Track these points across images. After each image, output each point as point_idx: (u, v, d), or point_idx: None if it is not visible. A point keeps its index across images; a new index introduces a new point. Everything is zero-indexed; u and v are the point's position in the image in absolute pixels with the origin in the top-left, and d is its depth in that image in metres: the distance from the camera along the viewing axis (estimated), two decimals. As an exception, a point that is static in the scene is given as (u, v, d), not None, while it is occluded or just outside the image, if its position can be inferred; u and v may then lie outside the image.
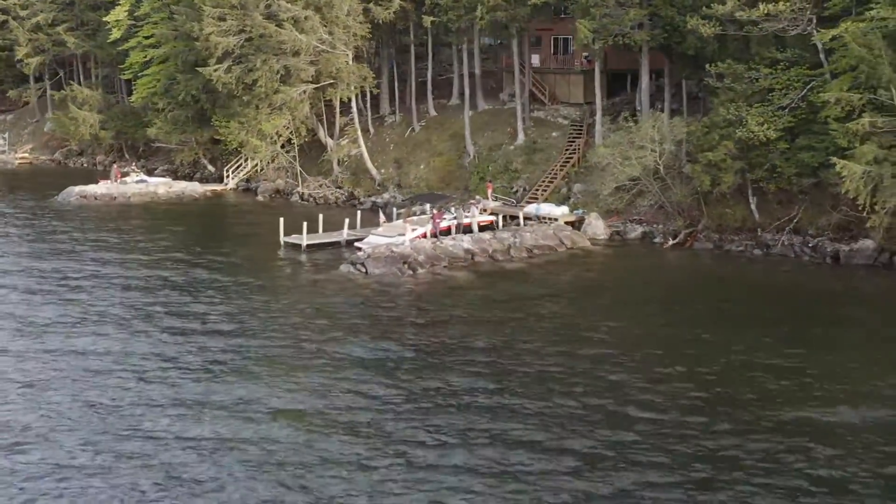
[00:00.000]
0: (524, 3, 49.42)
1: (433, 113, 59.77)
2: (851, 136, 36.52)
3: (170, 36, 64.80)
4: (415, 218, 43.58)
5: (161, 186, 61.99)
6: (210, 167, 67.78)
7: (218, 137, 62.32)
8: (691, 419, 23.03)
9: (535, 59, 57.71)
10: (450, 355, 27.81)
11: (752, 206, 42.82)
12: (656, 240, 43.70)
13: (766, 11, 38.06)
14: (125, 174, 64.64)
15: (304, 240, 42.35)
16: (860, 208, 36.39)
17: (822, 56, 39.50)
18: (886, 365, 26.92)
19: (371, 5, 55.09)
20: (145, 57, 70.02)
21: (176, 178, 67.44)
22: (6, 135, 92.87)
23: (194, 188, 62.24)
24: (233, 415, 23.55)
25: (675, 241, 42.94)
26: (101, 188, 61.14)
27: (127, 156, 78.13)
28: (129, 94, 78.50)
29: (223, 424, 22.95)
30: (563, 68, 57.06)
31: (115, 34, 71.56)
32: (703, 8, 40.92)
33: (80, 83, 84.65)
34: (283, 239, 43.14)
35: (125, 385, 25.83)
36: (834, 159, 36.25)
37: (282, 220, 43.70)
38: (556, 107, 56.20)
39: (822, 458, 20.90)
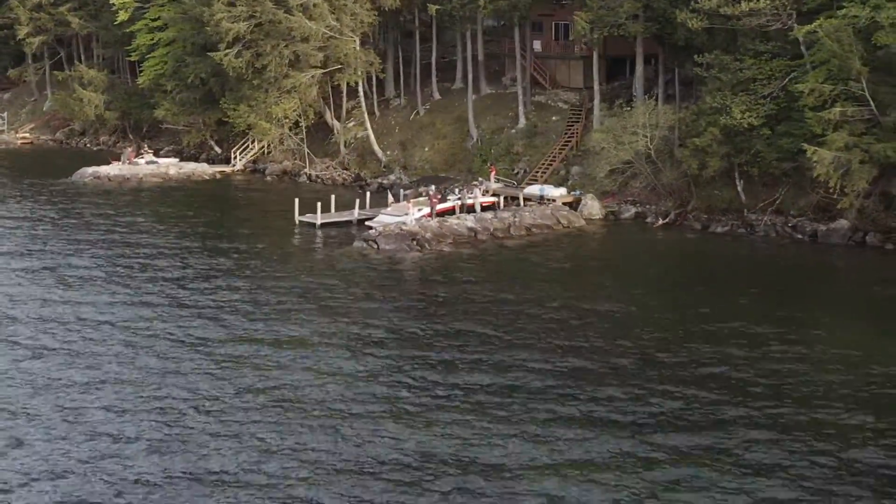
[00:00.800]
0: (526, -2, 55.04)
1: (437, 96, 65.38)
2: (825, 124, 42.22)
3: (178, 19, 70.24)
4: (421, 199, 49.20)
5: (171, 167, 67.64)
6: (217, 148, 73.37)
7: (225, 119, 67.95)
8: (656, 354, 28.71)
9: (537, 45, 63.30)
10: (454, 314, 33.54)
11: (739, 189, 48.51)
12: (648, 220, 49.44)
13: (748, 7, 43.65)
14: (139, 155, 70.18)
15: (319, 218, 48.09)
16: (831, 191, 42.10)
17: (802, 48, 45.09)
18: (845, 328, 32.61)
19: (378, -7, 60.79)
20: (152, 39, 75.51)
21: (181, 159, 73.09)
22: (4, 114, 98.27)
23: (204, 169, 67.88)
24: (279, 366, 29.26)
25: (665, 221, 48.70)
26: (113, 169, 66.77)
27: (130, 136, 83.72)
28: (133, 74, 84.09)
29: (272, 376, 28.65)
30: (563, 54, 62.63)
31: (122, 16, 76.90)
32: (692, 2, 46.51)
33: (80, 62, 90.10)
34: (298, 218, 48.86)
35: (190, 331, 31.53)
36: (805, 146, 41.96)
37: (297, 200, 49.35)
38: (557, 91, 61.78)
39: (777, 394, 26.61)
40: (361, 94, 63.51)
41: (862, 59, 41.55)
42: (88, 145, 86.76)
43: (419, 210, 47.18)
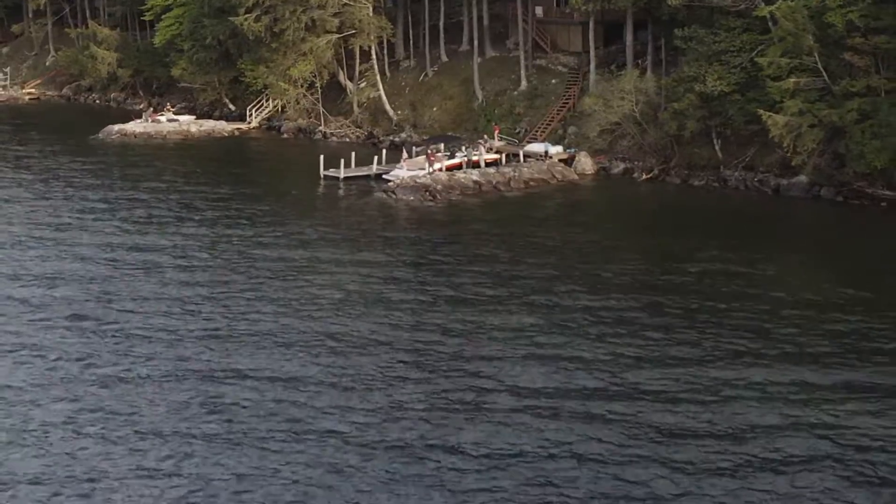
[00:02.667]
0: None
1: (445, 59, 78.86)
2: (783, 93, 55.74)
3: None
4: (437, 154, 62.80)
5: (192, 125, 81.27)
6: (231, 106, 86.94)
7: (241, 78, 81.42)
8: (617, 279, 42.26)
9: (539, 11, 76.69)
10: (463, 244, 47.21)
11: (716, 147, 62.11)
12: (635, 174, 63.11)
13: (719, -10, 57.16)
14: (160, 112, 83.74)
15: (342, 172, 61.80)
16: (785, 150, 55.79)
17: (770, 24, 58.51)
18: (787, 262, 46.17)
19: (390, -38, 74.16)
20: (166, 0, 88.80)
21: (195, 115, 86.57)
22: (7, 69, 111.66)
23: (223, 126, 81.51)
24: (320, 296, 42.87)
25: (649, 176, 62.41)
26: (138, 127, 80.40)
27: (140, 93, 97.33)
28: (141, 29, 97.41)
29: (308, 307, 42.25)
30: (563, 19, 75.98)
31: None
32: (674, -18, 59.94)
33: (85, 18, 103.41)
34: (322, 172, 62.56)
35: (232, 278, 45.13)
36: (761, 111, 55.56)
37: (321, 156, 62.99)
38: (557, 55, 75.21)
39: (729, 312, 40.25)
40: (374, 56, 76.98)
41: (814, 37, 55.02)
42: (97, 101, 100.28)
43: (435, 164, 60.83)
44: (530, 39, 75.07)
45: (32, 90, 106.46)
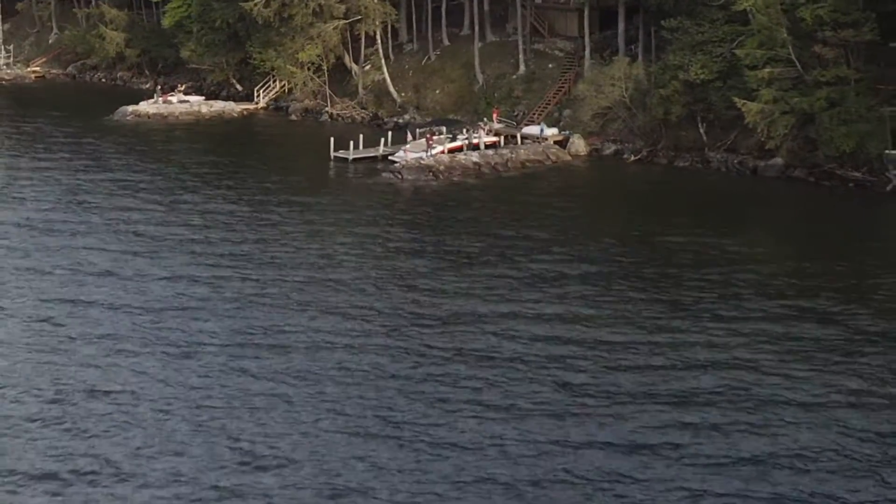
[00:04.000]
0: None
1: (447, 42, 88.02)
2: (759, 82, 64.99)
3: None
4: (435, 138, 72.11)
5: (203, 106, 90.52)
6: (238, 86, 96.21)
7: (249, 60, 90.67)
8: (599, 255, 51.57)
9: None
10: (464, 227, 56.56)
11: (701, 130, 71.38)
12: (625, 156, 72.42)
13: (700, -16, 66.36)
14: (171, 93, 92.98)
15: (351, 154, 71.11)
16: (760, 135, 65.11)
17: (750, 16, 67.66)
18: (757, 238, 55.40)
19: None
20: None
21: (202, 95, 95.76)
22: (10, 47, 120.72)
23: (232, 107, 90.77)
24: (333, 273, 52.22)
25: (637, 157, 71.77)
26: (150, 108, 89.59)
27: (147, 72, 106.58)
28: (147, 7, 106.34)
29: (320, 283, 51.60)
30: (560, 5, 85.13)
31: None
32: (659, -23, 69.11)
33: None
34: (333, 154, 71.83)
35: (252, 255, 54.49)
36: (736, 99, 64.83)
37: (332, 139, 72.28)
38: (554, 40, 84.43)
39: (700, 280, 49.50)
40: (378, 41, 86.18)
41: (788, 30, 64.23)
42: (103, 80, 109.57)
43: (433, 147, 70.14)
44: (528, 24, 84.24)
45: (37, 68, 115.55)
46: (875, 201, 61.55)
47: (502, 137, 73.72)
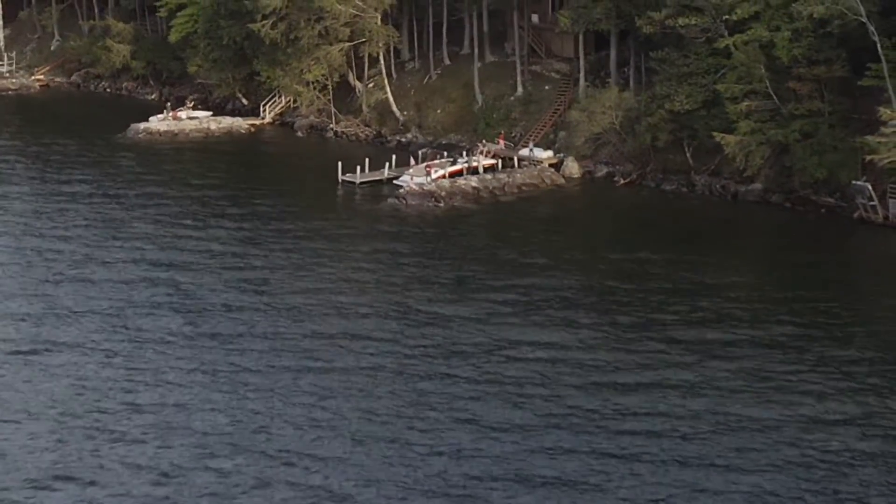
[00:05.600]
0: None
1: (447, 62, 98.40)
2: (738, 114, 75.42)
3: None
4: (436, 162, 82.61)
5: (212, 122, 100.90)
6: (244, 101, 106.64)
7: (256, 77, 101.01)
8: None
9: (535, 17, 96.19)
10: (465, 253, 67.02)
11: (688, 155, 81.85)
12: (616, 178, 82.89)
13: (684, 23, 76.67)
14: (180, 109, 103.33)
15: (358, 178, 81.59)
16: (738, 165, 75.60)
17: (732, 50, 78.04)
18: (731, 265, 65.81)
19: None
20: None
21: (207, 108, 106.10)
22: (13, 54, 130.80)
23: (240, 123, 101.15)
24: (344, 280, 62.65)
25: (627, 181, 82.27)
26: (161, 125, 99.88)
27: (152, 83, 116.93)
28: (151, 14, 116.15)
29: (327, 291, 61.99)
30: (557, 26, 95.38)
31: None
32: (647, 12, 79.33)
33: (94, 6, 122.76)
34: (340, 177, 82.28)
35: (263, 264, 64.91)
36: (715, 133, 75.30)
37: (340, 163, 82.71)
38: (551, 61, 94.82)
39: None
40: (382, 62, 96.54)
41: (765, 66, 74.62)
42: (108, 90, 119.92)
43: (436, 171, 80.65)
44: (526, 45, 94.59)
45: (41, 76, 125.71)
46: (843, 228, 72.10)
47: (500, 160, 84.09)
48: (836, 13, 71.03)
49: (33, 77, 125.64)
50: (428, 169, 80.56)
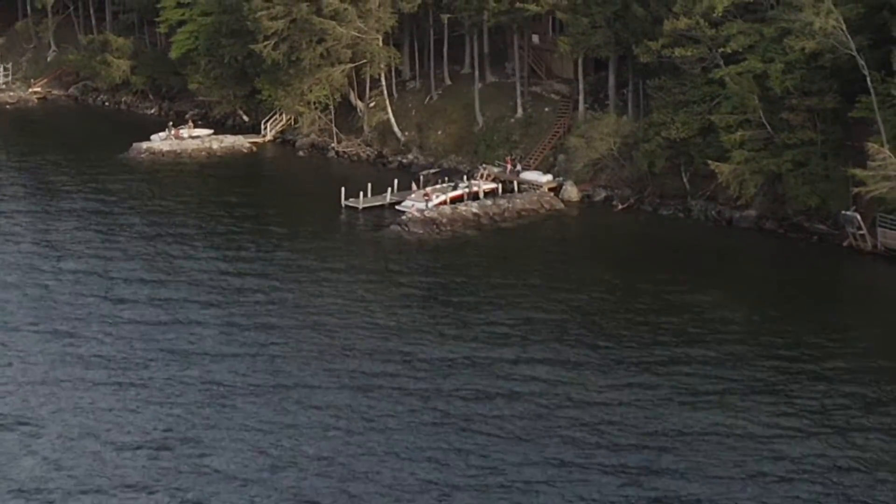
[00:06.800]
0: (523, 13, 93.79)
1: (448, 82, 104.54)
2: (732, 143, 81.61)
3: (214, 5, 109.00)
4: (437, 187, 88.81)
5: (214, 141, 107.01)
6: (245, 117, 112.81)
7: (258, 96, 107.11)
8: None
9: (535, 38, 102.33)
10: (466, 281, 73.19)
11: (685, 180, 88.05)
12: (614, 202, 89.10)
13: (680, 54, 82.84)
14: (182, 127, 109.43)
15: (361, 203, 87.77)
16: (731, 193, 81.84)
17: (727, 81, 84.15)
18: (721, 293, 71.93)
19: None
20: (182, 15, 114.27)
21: (208, 124, 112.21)
22: (9, 65, 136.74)
23: (241, 142, 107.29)
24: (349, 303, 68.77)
25: (625, 205, 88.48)
26: (164, 145, 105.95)
27: (151, 97, 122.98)
28: (151, 26, 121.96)
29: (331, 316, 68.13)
30: (557, 47, 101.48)
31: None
32: (645, 41, 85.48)
33: (91, 18, 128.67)
34: (343, 202, 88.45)
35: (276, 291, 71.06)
36: (709, 162, 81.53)
37: (343, 189, 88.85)
38: (551, 82, 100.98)
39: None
40: (383, 83, 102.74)
41: (759, 96, 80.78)
42: (106, 104, 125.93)
43: (437, 197, 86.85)
44: (526, 66, 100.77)
45: (38, 89, 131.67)
46: (833, 255, 78.43)
47: (500, 185, 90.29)
48: (828, 47, 77.24)
49: (31, 90, 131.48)
50: (426, 197, 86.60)
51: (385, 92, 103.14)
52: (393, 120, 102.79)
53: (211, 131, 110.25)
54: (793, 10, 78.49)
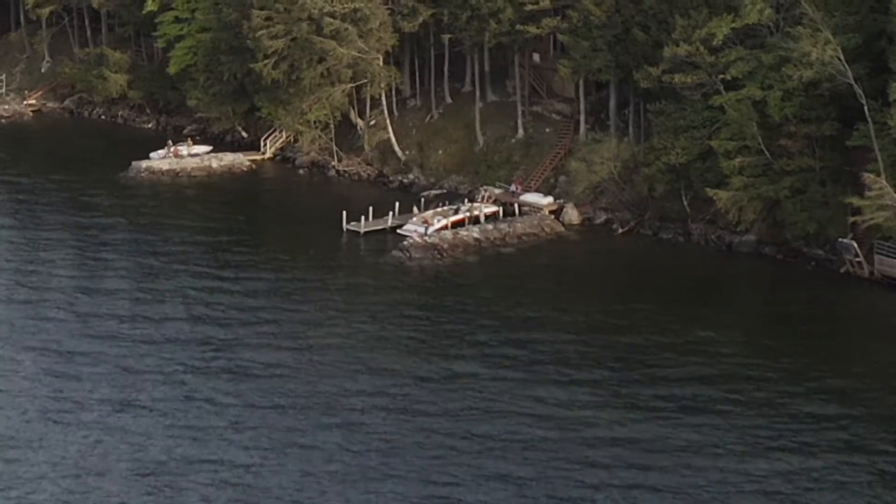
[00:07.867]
0: (524, 34, 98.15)
1: (449, 100, 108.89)
2: (731, 169, 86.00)
3: (213, 21, 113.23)
4: (439, 210, 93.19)
5: (213, 160, 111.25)
6: (244, 134, 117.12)
7: (257, 113, 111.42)
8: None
9: (536, 57, 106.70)
10: (467, 308, 77.53)
11: (685, 203, 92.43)
12: (614, 226, 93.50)
13: (680, 80, 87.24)
14: (181, 145, 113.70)
15: (362, 227, 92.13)
16: (730, 219, 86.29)
17: (726, 108, 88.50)
18: (720, 314, 76.32)
19: (399, 19, 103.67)
20: (181, 30, 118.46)
21: (206, 140, 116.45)
22: (2, 77, 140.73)
23: (241, 160, 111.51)
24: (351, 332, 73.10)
25: (625, 229, 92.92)
26: (163, 164, 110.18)
27: (148, 111, 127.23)
28: (146, 36, 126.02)
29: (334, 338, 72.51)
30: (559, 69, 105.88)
31: (151, 6, 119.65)
32: (645, 66, 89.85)
33: (86, 29, 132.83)
34: (345, 226, 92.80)
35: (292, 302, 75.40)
36: (708, 189, 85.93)
37: (344, 212, 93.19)
38: (551, 101, 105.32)
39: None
40: (384, 101, 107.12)
41: (757, 123, 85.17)
42: (103, 117, 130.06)
43: (438, 221, 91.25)
44: (527, 85, 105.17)
45: (33, 101, 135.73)
46: (830, 282, 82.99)
47: (501, 208, 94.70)
48: (826, 76, 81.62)
49: (25, 102, 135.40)
50: (426, 223, 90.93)
51: (385, 110, 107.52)
52: (393, 139, 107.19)
53: (210, 148, 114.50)
54: (791, 40, 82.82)
